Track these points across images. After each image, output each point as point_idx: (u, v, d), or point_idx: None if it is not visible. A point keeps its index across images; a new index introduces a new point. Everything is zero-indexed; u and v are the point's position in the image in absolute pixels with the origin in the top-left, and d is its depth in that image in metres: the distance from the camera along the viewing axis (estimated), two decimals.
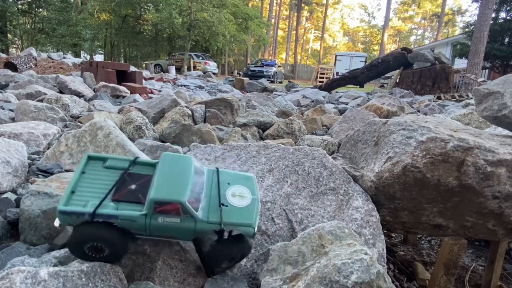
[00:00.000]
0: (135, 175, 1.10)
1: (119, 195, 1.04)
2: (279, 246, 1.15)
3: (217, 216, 1.04)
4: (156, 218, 1.00)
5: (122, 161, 1.14)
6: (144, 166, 1.14)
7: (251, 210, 1.09)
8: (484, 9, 12.86)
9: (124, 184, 1.07)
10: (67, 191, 1.01)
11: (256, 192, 1.15)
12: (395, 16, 61.81)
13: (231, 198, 1.10)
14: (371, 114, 4.17)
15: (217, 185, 1.12)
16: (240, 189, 1.14)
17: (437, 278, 1.41)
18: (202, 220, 1.02)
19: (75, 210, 0.97)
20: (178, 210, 0.99)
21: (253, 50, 38.91)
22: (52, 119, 3.53)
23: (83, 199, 1.01)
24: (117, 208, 1.00)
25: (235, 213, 1.07)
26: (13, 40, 24.18)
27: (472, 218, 1.36)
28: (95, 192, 1.03)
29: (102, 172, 1.10)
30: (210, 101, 4.47)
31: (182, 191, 1.00)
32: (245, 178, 1.19)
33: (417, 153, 1.30)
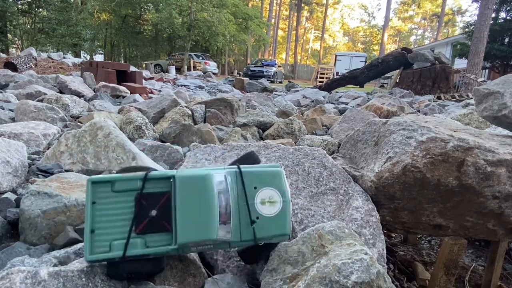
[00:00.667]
0: (151, 196, 0.98)
1: (142, 226, 0.95)
2: (279, 246, 1.15)
3: (250, 234, 1.00)
4: (189, 248, 0.98)
5: (131, 181, 0.98)
6: (157, 182, 1.00)
7: (283, 217, 1.04)
8: (484, 9, 12.86)
9: (143, 210, 0.96)
10: (87, 233, 0.92)
11: (285, 192, 1.06)
12: (395, 16, 61.82)
13: (261, 207, 1.03)
14: (371, 114, 4.17)
15: (244, 193, 1.03)
16: (269, 193, 1.05)
17: (437, 278, 1.41)
18: (235, 241, 0.99)
19: (102, 258, 0.91)
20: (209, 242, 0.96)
21: (253, 50, 38.91)
22: (52, 119, 3.53)
23: (106, 239, 0.93)
24: (145, 243, 0.94)
25: (268, 225, 1.02)
26: (13, 40, 24.18)
27: (472, 218, 1.36)
28: (115, 226, 0.95)
29: (113, 199, 0.97)
30: (210, 101, 4.47)
31: (211, 226, 0.93)
32: (272, 175, 1.07)
33: (417, 153, 1.30)
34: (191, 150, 1.59)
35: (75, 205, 1.45)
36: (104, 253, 0.91)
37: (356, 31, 70.59)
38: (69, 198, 1.45)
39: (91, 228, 0.93)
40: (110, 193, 0.97)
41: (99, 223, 0.94)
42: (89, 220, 0.94)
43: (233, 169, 1.06)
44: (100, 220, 0.94)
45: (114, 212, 0.96)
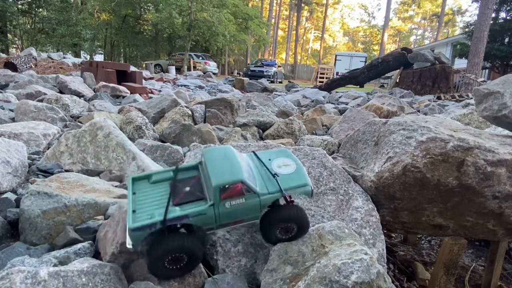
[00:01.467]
0: (183, 180, 1.15)
1: (178, 199, 1.07)
2: (279, 246, 1.15)
3: (276, 185, 1.10)
4: (223, 205, 1.04)
5: (165, 173, 1.17)
6: (187, 171, 1.18)
7: (301, 173, 1.17)
8: (484, 9, 12.86)
9: (178, 189, 1.11)
10: (129, 212, 1.03)
11: (297, 160, 1.23)
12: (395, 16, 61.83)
13: (278, 169, 1.17)
14: (371, 114, 4.17)
15: (261, 163, 1.20)
16: (282, 160, 1.22)
17: (437, 278, 1.41)
18: (264, 193, 1.08)
19: (145, 224, 0.98)
20: (241, 191, 1.04)
21: (253, 50, 38.91)
22: (52, 119, 3.53)
23: (146, 214, 1.03)
24: (183, 210, 1.04)
25: (288, 179, 1.13)
26: (13, 40, 24.18)
27: (472, 218, 1.36)
28: (154, 205, 1.07)
29: (151, 188, 1.13)
30: (210, 101, 4.47)
31: (238, 170, 1.06)
32: (280, 152, 1.27)
33: (417, 153, 1.30)
34: (191, 150, 1.59)
35: (75, 205, 1.45)
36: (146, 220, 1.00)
37: (356, 31, 70.58)
38: (69, 198, 1.45)
39: (133, 209, 1.05)
40: (148, 185, 1.14)
41: (139, 205, 1.07)
42: (131, 204, 1.07)
43: (249, 154, 1.27)
44: (140, 203, 1.08)
45: (152, 196, 1.10)
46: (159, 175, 1.16)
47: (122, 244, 1.14)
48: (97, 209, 1.49)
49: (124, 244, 1.13)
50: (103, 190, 1.66)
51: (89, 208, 1.47)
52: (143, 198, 1.10)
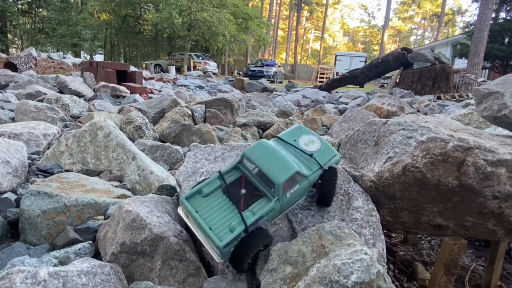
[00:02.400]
0: (232, 183, 1.21)
1: (242, 204, 1.15)
2: (279, 246, 1.15)
3: (316, 164, 1.25)
4: (285, 196, 1.15)
5: (212, 182, 1.21)
6: (230, 173, 1.24)
7: (327, 146, 1.33)
8: (484, 9, 12.86)
9: (235, 194, 1.18)
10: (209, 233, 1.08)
11: (314, 133, 1.37)
12: (395, 16, 61.81)
13: (308, 147, 1.31)
14: (371, 114, 4.17)
15: (291, 145, 1.31)
16: (305, 138, 1.35)
17: (437, 278, 1.41)
18: (310, 174, 1.22)
19: (232, 238, 1.06)
20: (295, 178, 1.16)
21: (253, 50, 38.88)
22: (52, 119, 3.53)
23: (224, 227, 1.10)
24: (253, 213, 1.12)
25: (321, 154, 1.29)
26: (13, 40, 24.18)
27: (472, 218, 1.36)
28: (224, 216, 1.13)
29: (208, 201, 1.18)
30: (210, 101, 4.47)
31: (290, 163, 1.16)
32: (298, 130, 1.39)
33: (417, 153, 1.30)
34: (191, 150, 1.59)
35: (75, 205, 1.45)
36: (230, 235, 1.06)
37: (356, 31, 70.55)
38: (69, 198, 1.45)
39: (209, 227, 1.10)
40: (202, 199, 1.18)
41: (210, 221, 1.12)
42: (203, 223, 1.10)
43: (274, 139, 1.35)
44: (209, 219, 1.12)
45: (215, 209, 1.15)
46: (209, 187, 1.20)
47: (122, 244, 1.14)
48: (97, 209, 1.49)
49: (124, 244, 1.13)
50: (103, 190, 1.66)
51: (89, 208, 1.47)
52: (209, 214, 1.14)
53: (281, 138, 1.33)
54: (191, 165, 1.47)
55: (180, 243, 1.17)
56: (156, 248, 1.15)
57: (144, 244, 1.14)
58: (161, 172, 2.08)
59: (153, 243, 1.14)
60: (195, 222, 1.12)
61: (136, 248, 1.14)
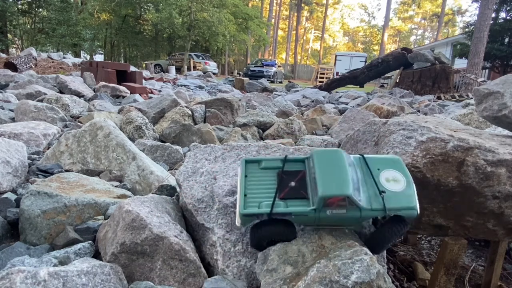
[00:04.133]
0: (289, 172, 1.19)
1: (284, 193, 1.13)
2: (279, 246, 1.14)
3: (380, 203, 1.08)
4: (325, 211, 1.07)
5: (274, 161, 1.23)
6: (294, 163, 1.22)
7: (410, 193, 1.11)
8: (484, 9, 12.86)
9: (284, 182, 1.16)
10: (241, 195, 1.13)
11: (408, 174, 1.16)
12: (395, 16, 61.80)
13: (387, 184, 1.13)
14: (371, 114, 4.18)
15: (369, 172, 1.16)
16: (392, 173, 1.15)
17: (437, 278, 1.41)
18: (366, 209, 1.07)
19: (254, 212, 1.08)
20: (344, 202, 1.05)
21: (253, 50, 38.87)
22: (52, 119, 3.53)
23: (256, 201, 1.12)
24: (286, 206, 1.10)
25: (395, 198, 1.09)
26: (13, 40, 24.17)
27: (472, 218, 1.36)
28: (262, 192, 1.14)
29: (261, 174, 1.20)
30: (210, 101, 4.47)
31: (346, 184, 1.05)
32: (392, 161, 1.19)
33: (417, 153, 1.30)
34: (191, 150, 1.59)
35: (75, 205, 1.45)
36: (255, 209, 1.09)
37: (356, 31, 70.55)
38: (69, 198, 1.45)
39: (244, 193, 1.13)
40: (258, 169, 1.21)
41: (250, 189, 1.15)
42: (243, 187, 1.15)
43: (357, 156, 1.22)
44: (251, 187, 1.16)
45: (261, 183, 1.17)
46: (269, 163, 1.22)
47: (122, 244, 1.14)
48: (97, 209, 1.49)
49: (124, 244, 1.14)
50: (103, 190, 1.66)
51: (89, 208, 1.47)
52: (253, 183, 1.17)
53: (366, 161, 1.19)
54: (191, 165, 1.47)
55: (180, 243, 1.17)
56: (156, 248, 1.15)
57: (144, 244, 1.14)
58: (161, 172, 2.08)
59: (153, 243, 1.14)
60: (240, 183, 1.17)
61: (136, 248, 1.14)
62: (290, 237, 1.14)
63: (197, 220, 1.30)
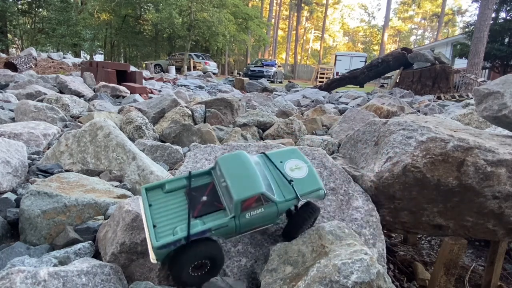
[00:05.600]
0: (198, 188, 1.14)
1: (197, 210, 1.08)
2: (279, 246, 1.14)
3: (291, 192, 1.12)
4: (244, 216, 1.06)
5: (178, 180, 1.16)
6: (200, 177, 1.18)
7: (313, 176, 1.19)
8: (484, 9, 12.86)
9: (195, 199, 1.11)
10: (150, 228, 1.02)
11: (306, 160, 1.24)
12: (395, 16, 61.79)
13: (292, 173, 1.18)
14: (371, 114, 4.18)
15: (274, 166, 1.20)
16: (294, 162, 1.23)
17: (437, 278, 1.41)
18: (281, 201, 1.10)
19: (169, 241, 0.98)
20: (260, 201, 1.06)
21: (253, 50, 38.87)
22: (52, 119, 3.53)
23: (168, 228, 1.03)
24: (204, 223, 1.04)
25: (303, 184, 1.15)
26: (13, 40, 24.17)
27: (472, 218, 1.36)
28: (173, 217, 1.07)
29: (167, 198, 1.12)
30: (210, 101, 4.47)
31: (258, 182, 1.06)
32: (291, 152, 1.28)
33: (417, 153, 1.30)
34: (191, 150, 1.59)
35: (75, 205, 1.45)
36: (169, 238, 0.99)
37: (356, 31, 70.54)
38: (69, 198, 1.45)
39: (153, 224, 1.04)
40: (162, 194, 1.13)
41: (158, 218, 1.06)
42: (150, 218, 1.05)
43: (259, 155, 1.25)
44: (159, 216, 1.07)
45: (169, 208, 1.09)
46: (173, 184, 1.15)
47: (122, 244, 1.14)
48: (97, 209, 1.49)
49: (124, 244, 1.13)
50: (103, 190, 1.66)
51: (89, 208, 1.47)
52: (161, 210, 1.08)
53: (268, 157, 1.23)
54: (191, 165, 1.47)
55: None
56: None
57: (144, 244, 1.14)
58: (161, 172, 2.08)
59: None
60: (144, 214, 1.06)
61: (136, 248, 1.14)
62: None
63: None
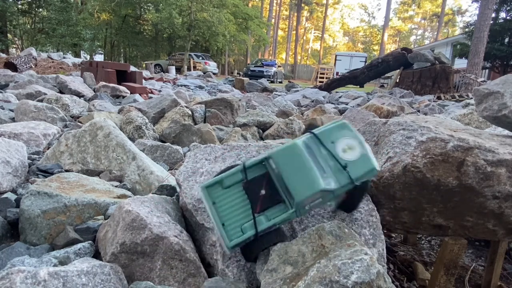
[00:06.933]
0: (254, 180, 1.15)
1: (259, 206, 1.11)
2: (279, 246, 1.14)
3: (346, 177, 1.10)
4: (303, 208, 1.10)
5: (235, 175, 1.17)
6: (255, 168, 1.18)
7: (367, 156, 1.13)
8: (484, 9, 12.85)
9: (254, 193, 1.13)
10: (219, 227, 1.09)
11: (358, 135, 1.17)
12: (395, 16, 61.78)
13: (345, 155, 1.14)
14: (371, 114, 4.18)
15: (326, 149, 1.15)
16: (345, 142, 1.16)
17: (437, 278, 1.41)
18: (337, 188, 1.09)
19: (240, 241, 1.06)
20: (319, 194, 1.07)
21: (253, 50, 38.86)
22: (52, 119, 3.53)
23: (236, 225, 1.09)
24: (268, 219, 1.09)
25: (357, 166, 1.11)
26: (13, 40, 24.16)
27: (472, 218, 1.36)
28: (239, 213, 1.11)
29: (227, 193, 1.15)
30: (210, 101, 4.47)
31: (316, 179, 1.05)
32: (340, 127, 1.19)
33: (417, 153, 1.30)
34: (191, 150, 1.59)
35: (75, 205, 1.45)
36: (240, 237, 1.06)
37: (356, 31, 70.52)
38: (69, 198, 1.45)
39: (222, 223, 1.09)
40: (222, 191, 1.15)
41: (225, 216, 1.11)
42: (217, 217, 1.10)
43: (308, 135, 1.18)
44: (225, 214, 1.11)
45: (232, 204, 1.13)
46: (230, 179, 1.16)
47: (122, 244, 1.14)
48: (97, 209, 1.49)
49: (124, 244, 1.14)
50: (103, 190, 1.66)
51: (89, 208, 1.47)
52: (225, 208, 1.12)
53: (318, 137, 1.16)
54: (191, 165, 1.47)
55: (180, 243, 1.17)
56: (156, 248, 1.15)
57: (144, 244, 1.14)
58: (161, 172, 2.08)
59: (153, 243, 1.14)
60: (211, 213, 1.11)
61: (136, 248, 1.14)
62: (283, 240, 1.14)
63: (197, 220, 1.30)
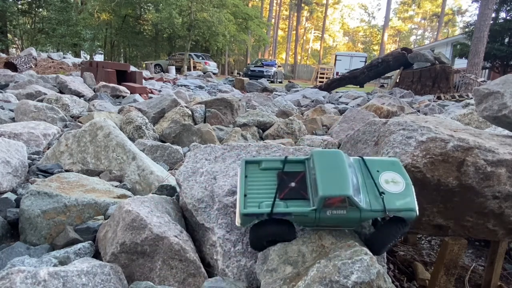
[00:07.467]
0: (289, 173, 1.19)
1: (284, 193, 1.14)
2: (279, 246, 1.14)
3: (380, 204, 1.08)
4: (324, 212, 1.07)
5: (275, 162, 1.23)
6: (294, 164, 1.22)
7: (409, 194, 1.12)
8: (484, 9, 12.86)
9: (284, 182, 1.17)
10: (241, 196, 1.13)
11: (407, 176, 1.16)
12: (395, 16, 61.78)
13: (386, 185, 1.13)
14: (371, 114, 4.18)
15: (369, 173, 1.16)
16: (391, 175, 1.17)
17: (437, 278, 1.41)
18: (366, 210, 1.07)
19: (254, 212, 1.09)
20: (345, 203, 1.05)
21: (253, 50, 38.86)
22: (52, 119, 3.53)
23: (255, 201, 1.13)
24: (286, 206, 1.11)
25: (394, 200, 1.10)
26: (13, 40, 24.15)
27: (472, 218, 1.36)
28: (262, 193, 1.15)
29: (261, 174, 1.21)
30: (210, 101, 4.47)
31: (346, 185, 1.06)
32: (391, 163, 1.20)
33: (417, 153, 1.30)
34: (191, 150, 1.59)
35: (75, 205, 1.45)
36: (255, 209, 1.10)
37: (356, 31, 70.53)
38: (69, 198, 1.45)
39: (244, 193, 1.14)
40: (258, 170, 1.22)
41: (250, 190, 1.16)
42: (243, 188, 1.16)
43: (356, 158, 1.22)
44: (251, 188, 1.17)
45: (261, 183, 1.18)
46: (269, 163, 1.22)
47: (122, 244, 1.14)
48: (97, 209, 1.49)
49: (124, 244, 1.14)
50: (103, 190, 1.66)
51: (89, 208, 1.47)
52: (253, 184, 1.18)
53: (365, 162, 1.20)
54: (191, 165, 1.47)
55: (180, 243, 1.17)
56: (156, 248, 1.15)
57: (144, 244, 1.14)
58: (161, 172, 2.08)
59: (153, 243, 1.14)
60: (240, 183, 1.17)
61: (136, 248, 1.14)
62: (290, 237, 1.14)
63: (197, 220, 1.30)
